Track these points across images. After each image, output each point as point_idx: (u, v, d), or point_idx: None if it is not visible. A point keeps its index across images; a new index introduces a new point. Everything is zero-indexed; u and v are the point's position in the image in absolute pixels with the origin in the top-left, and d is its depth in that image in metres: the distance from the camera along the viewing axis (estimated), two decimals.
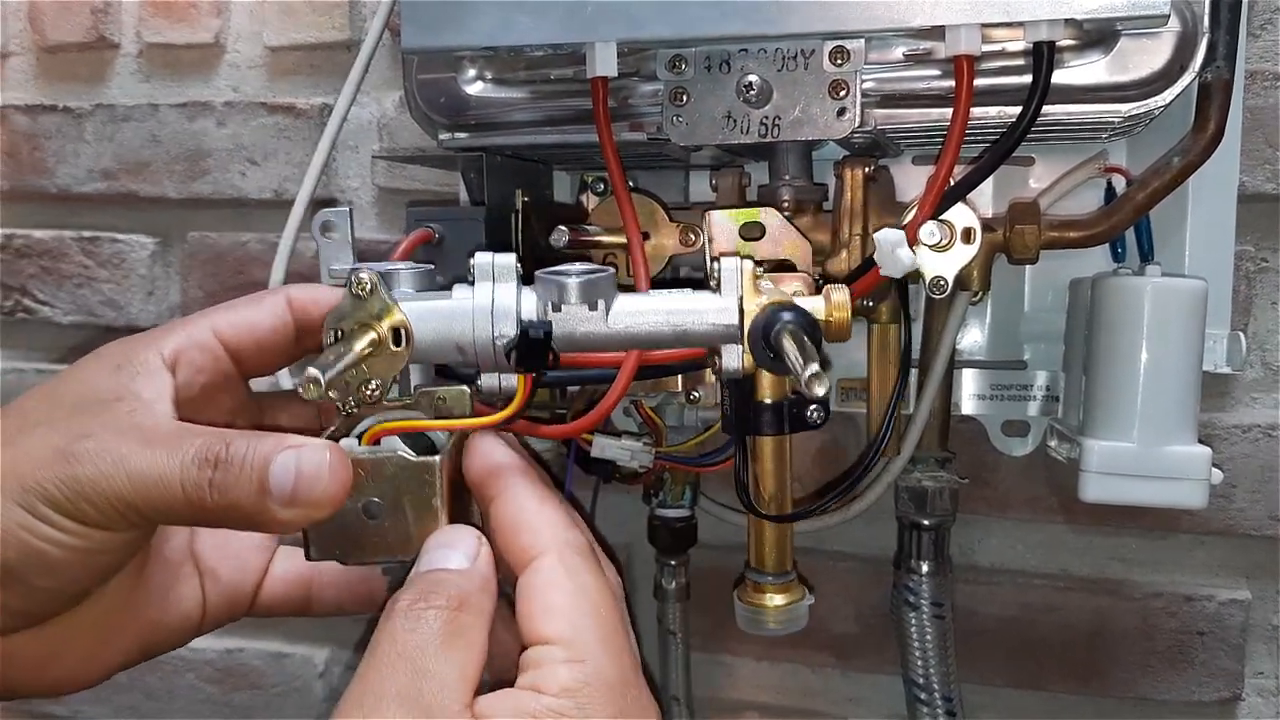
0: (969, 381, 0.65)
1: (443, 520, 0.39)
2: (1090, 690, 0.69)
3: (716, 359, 0.40)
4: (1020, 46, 0.49)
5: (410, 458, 0.39)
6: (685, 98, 0.51)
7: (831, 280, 0.55)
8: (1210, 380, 0.62)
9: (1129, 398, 0.55)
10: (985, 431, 0.66)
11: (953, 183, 0.49)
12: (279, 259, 0.62)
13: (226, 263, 0.82)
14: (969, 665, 0.67)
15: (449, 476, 0.39)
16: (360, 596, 0.47)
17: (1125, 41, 0.48)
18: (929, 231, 0.49)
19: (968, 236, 0.50)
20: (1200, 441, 0.55)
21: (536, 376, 0.40)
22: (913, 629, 0.63)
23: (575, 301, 0.38)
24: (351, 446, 0.39)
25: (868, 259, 0.49)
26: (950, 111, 0.47)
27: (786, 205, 0.56)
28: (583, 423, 0.43)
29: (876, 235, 0.48)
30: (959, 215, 0.50)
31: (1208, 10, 0.48)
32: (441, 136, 0.58)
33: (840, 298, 0.41)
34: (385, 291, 0.36)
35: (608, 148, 0.51)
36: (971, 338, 0.65)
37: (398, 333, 0.37)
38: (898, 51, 0.51)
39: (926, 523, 0.62)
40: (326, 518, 0.37)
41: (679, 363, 0.41)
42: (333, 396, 0.37)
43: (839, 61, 0.49)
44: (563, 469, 0.59)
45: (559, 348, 0.40)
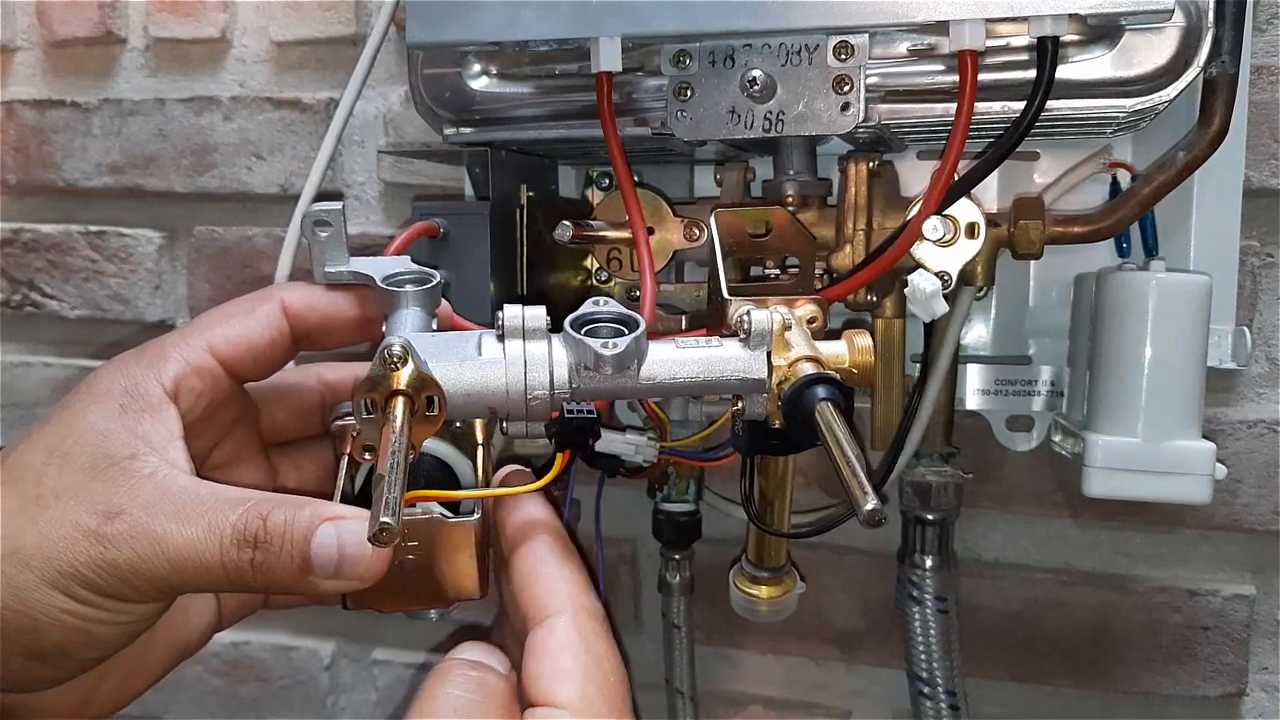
0: (973, 377, 0.65)
1: (474, 575, 0.40)
2: (1094, 685, 0.69)
3: (740, 401, 0.41)
4: (1024, 41, 0.48)
5: (448, 518, 0.39)
6: (689, 93, 0.51)
7: (835, 274, 0.55)
8: (1215, 375, 0.62)
9: (1133, 393, 0.55)
10: (989, 427, 0.66)
11: (957, 178, 0.49)
12: (285, 253, 0.62)
13: (233, 257, 0.82)
14: (973, 660, 0.67)
15: (480, 533, 0.40)
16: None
17: (1130, 36, 0.48)
18: (933, 226, 0.49)
19: (972, 231, 0.50)
20: (1205, 437, 0.55)
21: (574, 451, 0.40)
22: (917, 623, 0.63)
23: (610, 371, 0.38)
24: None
25: (871, 252, 0.49)
26: (954, 106, 0.47)
27: (791, 200, 0.56)
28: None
29: (911, 280, 0.48)
30: (963, 210, 0.50)
31: (1212, 5, 0.47)
32: (447, 131, 0.58)
33: (863, 343, 0.41)
34: (417, 359, 0.36)
35: (612, 143, 0.51)
36: (976, 333, 0.65)
37: (431, 400, 0.36)
38: (902, 46, 0.51)
39: (931, 517, 0.62)
40: None
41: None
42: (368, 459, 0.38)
43: (843, 56, 0.49)
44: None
45: (588, 398, 0.40)
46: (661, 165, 0.66)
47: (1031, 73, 0.47)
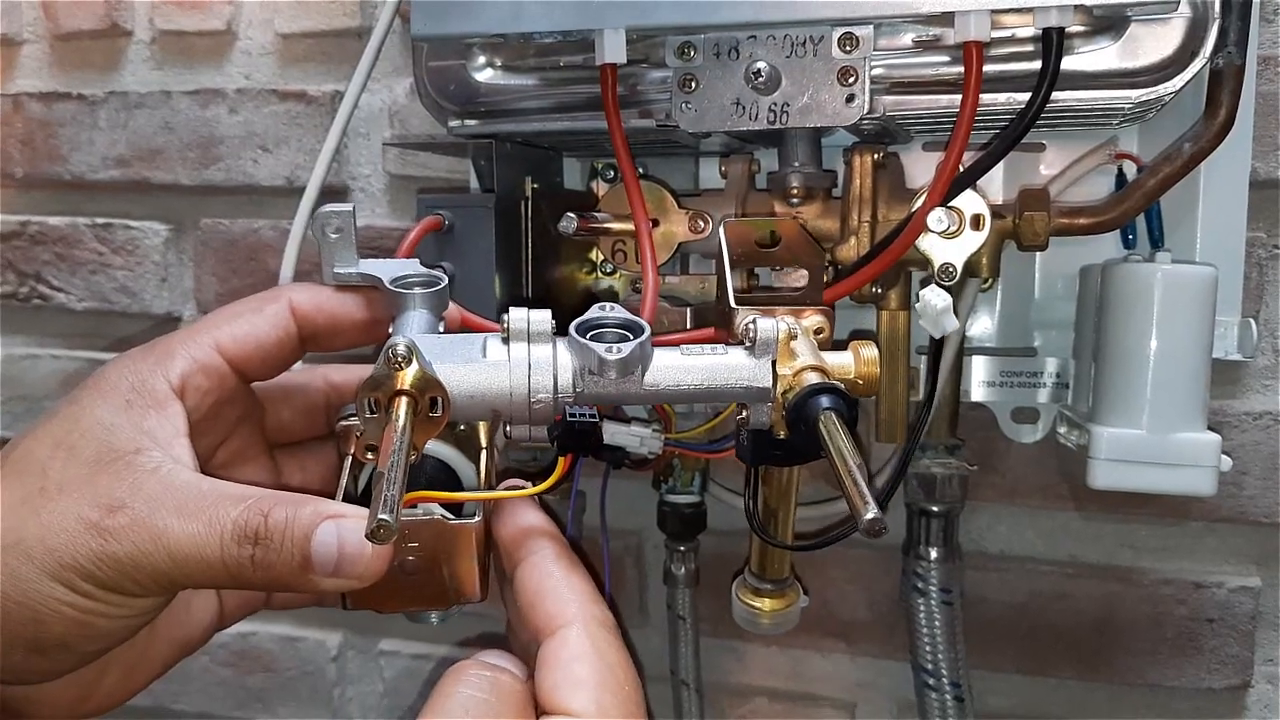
0: (979, 368, 0.65)
1: (474, 577, 0.40)
2: (1099, 677, 0.69)
3: (745, 410, 0.41)
4: (1030, 32, 0.48)
5: (449, 520, 0.39)
6: (694, 84, 0.51)
7: (840, 266, 0.55)
8: (1221, 367, 0.62)
9: (1139, 385, 0.55)
10: (995, 418, 0.66)
11: (962, 169, 0.49)
12: (290, 246, 0.62)
13: (239, 249, 0.82)
14: (978, 652, 0.68)
15: (481, 535, 0.40)
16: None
17: (1136, 27, 0.48)
18: (938, 219, 0.49)
19: (977, 223, 0.50)
20: (1210, 428, 0.55)
21: (576, 455, 0.40)
22: (921, 615, 0.63)
23: (614, 376, 0.38)
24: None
25: (876, 245, 0.49)
26: (959, 98, 0.47)
27: (795, 192, 0.56)
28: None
29: (922, 295, 0.48)
30: (968, 202, 0.50)
31: None
32: (452, 124, 0.58)
33: (869, 354, 0.41)
34: (422, 359, 0.36)
35: (616, 135, 0.51)
36: (981, 324, 0.65)
37: (434, 401, 0.36)
38: (907, 38, 0.50)
39: (935, 509, 0.62)
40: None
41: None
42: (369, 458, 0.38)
43: (848, 48, 0.49)
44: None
45: (591, 403, 0.40)
46: (667, 157, 0.66)
47: (1037, 64, 0.47)
